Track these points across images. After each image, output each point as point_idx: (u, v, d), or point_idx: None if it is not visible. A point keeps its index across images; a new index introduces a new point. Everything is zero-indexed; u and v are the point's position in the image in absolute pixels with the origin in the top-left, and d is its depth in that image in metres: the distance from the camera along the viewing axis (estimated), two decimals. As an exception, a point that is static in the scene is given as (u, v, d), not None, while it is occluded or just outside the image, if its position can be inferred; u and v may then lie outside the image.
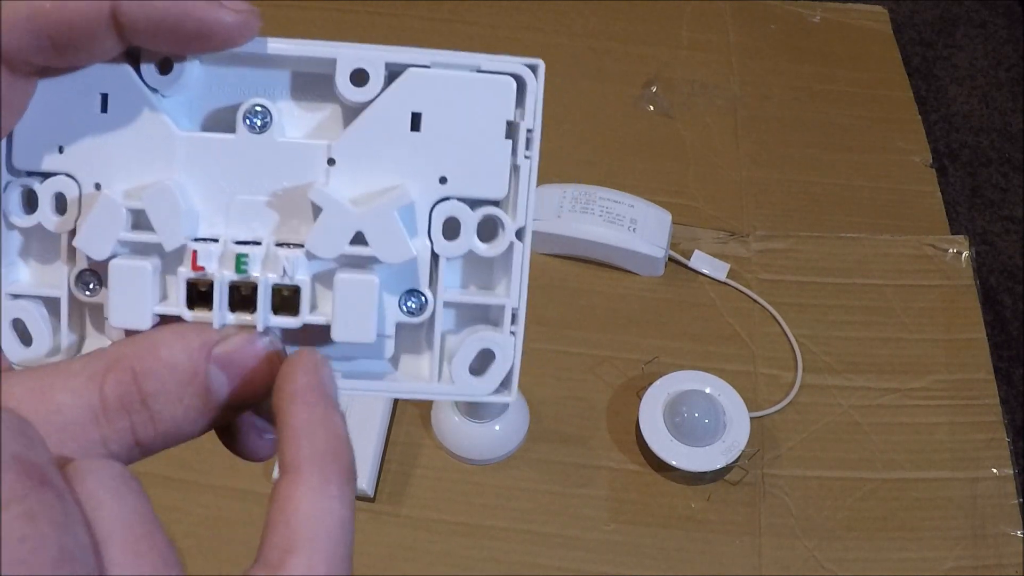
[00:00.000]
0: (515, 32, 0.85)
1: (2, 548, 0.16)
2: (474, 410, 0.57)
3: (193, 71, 0.22)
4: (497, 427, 0.59)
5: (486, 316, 0.24)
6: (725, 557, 0.57)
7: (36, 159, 0.22)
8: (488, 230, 0.23)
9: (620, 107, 0.79)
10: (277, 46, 0.22)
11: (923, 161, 0.78)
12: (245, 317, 0.22)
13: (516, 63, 0.22)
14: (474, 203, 0.23)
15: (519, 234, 0.23)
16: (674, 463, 0.57)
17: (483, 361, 0.24)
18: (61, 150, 0.22)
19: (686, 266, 0.69)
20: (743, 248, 0.71)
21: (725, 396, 0.60)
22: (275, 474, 0.59)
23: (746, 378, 0.64)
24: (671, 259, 0.69)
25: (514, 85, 0.22)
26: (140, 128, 0.22)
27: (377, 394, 0.24)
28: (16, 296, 0.23)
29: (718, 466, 0.57)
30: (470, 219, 0.23)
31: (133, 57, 0.22)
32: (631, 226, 0.67)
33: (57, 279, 0.23)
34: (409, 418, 0.61)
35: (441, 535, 0.57)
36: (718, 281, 0.69)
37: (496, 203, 0.23)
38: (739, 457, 0.58)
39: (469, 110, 0.22)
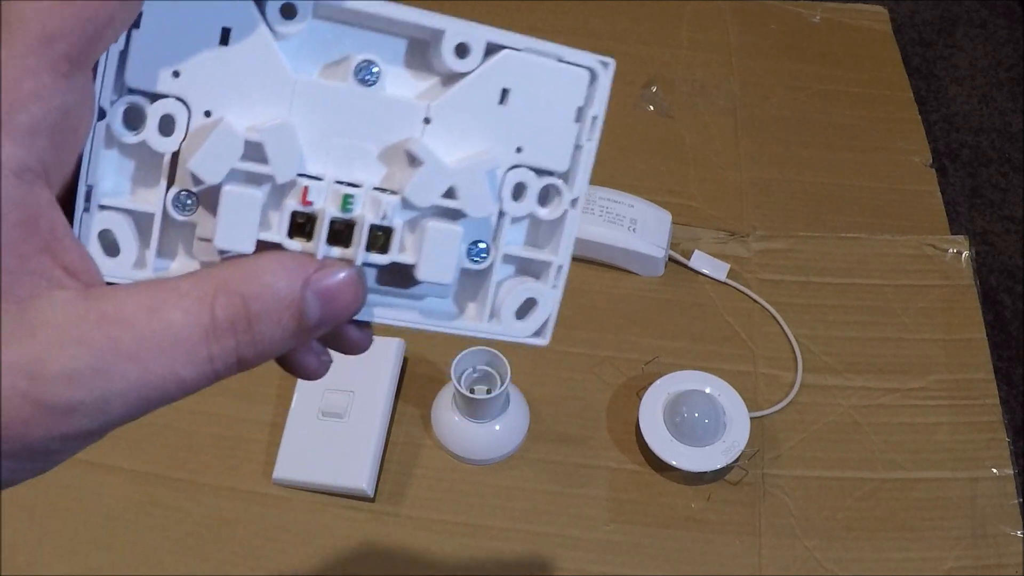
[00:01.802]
0: (515, 32, 0.85)
1: None
2: (474, 410, 0.57)
3: (309, 18, 0.23)
4: (497, 427, 0.59)
5: (530, 269, 0.27)
6: (725, 557, 0.57)
7: (150, 79, 0.23)
8: (546, 196, 0.26)
9: (620, 107, 0.79)
10: (391, 9, 0.24)
11: (923, 161, 0.78)
12: (342, 250, 0.24)
13: (592, 58, 0.25)
14: (539, 172, 0.26)
15: (573, 203, 0.26)
16: (674, 463, 0.57)
17: (526, 308, 0.27)
18: (177, 75, 0.23)
19: (686, 266, 0.69)
20: (743, 248, 0.71)
21: (725, 396, 0.60)
22: (275, 474, 0.59)
23: (746, 378, 0.64)
24: (671, 259, 0.69)
25: (587, 77, 0.26)
26: (257, 65, 0.23)
27: (438, 329, 0.27)
28: (105, 208, 0.23)
29: (718, 466, 0.57)
30: (535, 185, 0.26)
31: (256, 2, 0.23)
32: (631, 226, 0.67)
33: (153, 197, 0.24)
34: (409, 418, 0.61)
35: (441, 535, 0.57)
36: (718, 281, 0.69)
37: (558, 174, 0.26)
38: (739, 457, 0.58)
39: (549, 93, 0.25)
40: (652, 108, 0.80)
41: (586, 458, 0.60)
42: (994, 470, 0.61)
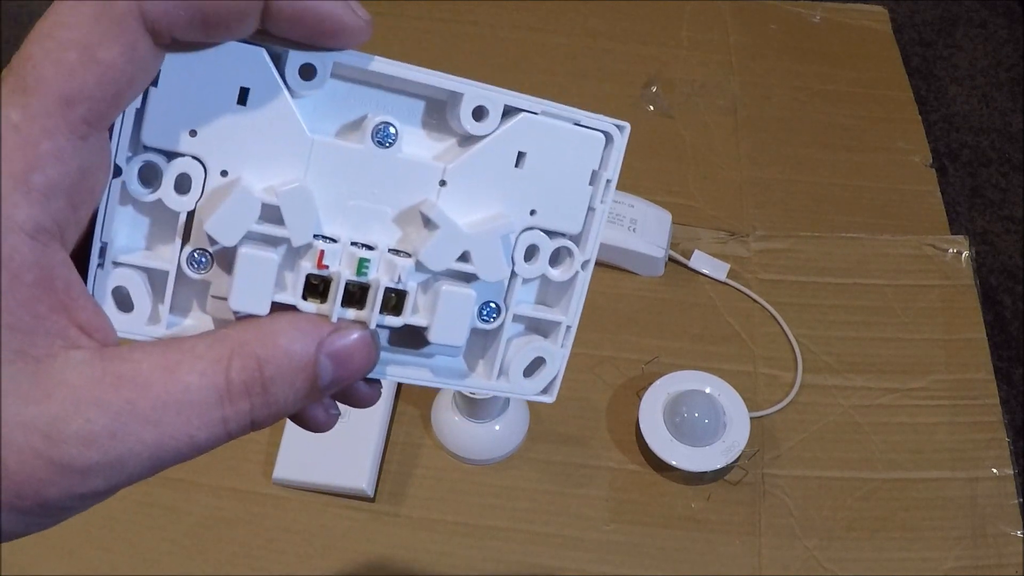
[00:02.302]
0: (515, 32, 0.85)
1: None
2: (474, 410, 0.57)
3: (328, 79, 0.23)
4: (497, 427, 0.59)
5: (539, 328, 0.28)
6: (725, 557, 0.57)
7: (167, 138, 0.23)
8: (557, 258, 0.27)
9: (620, 107, 0.79)
10: (409, 72, 0.24)
11: (923, 161, 0.78)
12: (356, 312, 0.24)
13: (607, 123, 0.26)
14: (552, 234, 0.26)
15: (584, 265, 0.27)
16: (674, 463, 0.57)
17: (534, 366, 0.27)
18: (194, 134, 0.23)
19: (686, 266, 0.69)
20: (743, 248, 0.71)
21: (725, 396, 0.60)
22: (275, 474, 0.59)
23: (746, 378, 0.64)
24: (671, 259, 0.69)
25: (603, 140, 0.26)
26: (276, 126, 0.23)
27: (448, 386, 0.27)
28: (119, 264, 0.23)
29: (718, 466, 0.57)
30: (547, 247, 0.26)
31: (272, 55, 0.23)
32: (631, 226, 0.67)
33: (167, 254, 0.24)
34: (409, 418, 0.61)
35: (441, 535, 0.57)
36: (718, 281, 0.69)
37: (570, 236, 0.26)
38: (739, 457, 0.58)
39: (564, 156, 0.25)
40: (652, 108, 0.80)
41: (586, 458, 0.60)
42: (994, 470, 0.61)
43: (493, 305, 0.26)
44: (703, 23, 0.88)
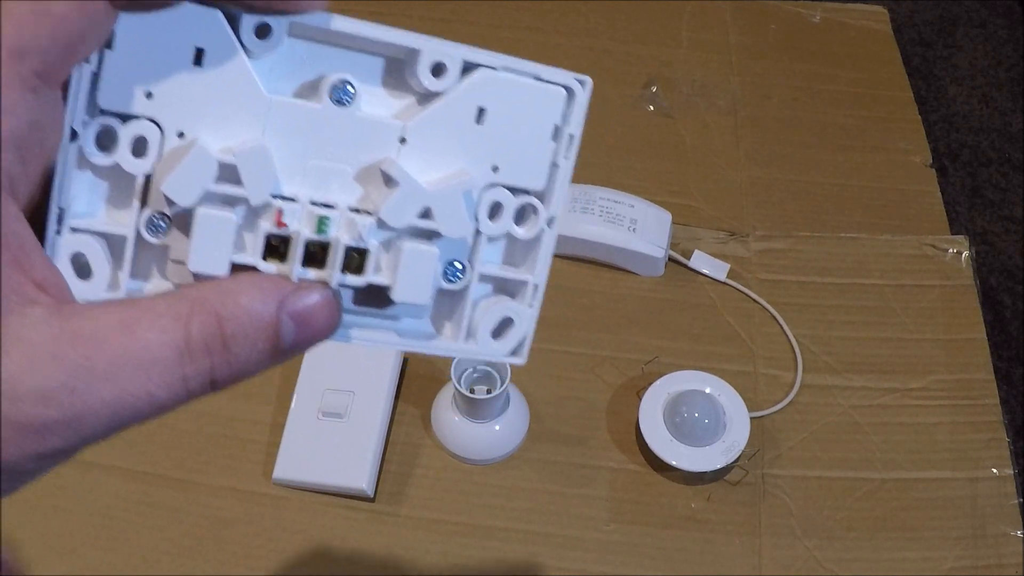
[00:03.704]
0: (515, 32, 0.85)
1: None
2: (474, 410, 0.57)
3: (284, 39, 0.23)
4: (497, 427, 0.59)
5: (506, 288, 0.27)
6: (725, 557, 0.57)
7: (123, 101, 0.22)
8: (522, 215, 0.26)
9: (620, 107, 0.79)
10: (367, 29, 0.24)
11: (923, 161, 0.78)
12: (317, 272, 0.24)
13: (569, 77, 0.26)
14: (516, 191, 0.26)
15: (550, 222, 0.26)
16: (674, 463, 0.57)
17: (502, 327, 0.27)
18: (150, 96, 0.22)
19: (686, 266, 0.69)
20: (743, 248, 0.71)
21: (725, 396, 0.60)
22: (275, 474, 0.59)
23: (746, 378, 0.64)
24: (671, 259, 0.69)
25: (564, 95, 0.26)
26: (232, 86, 0.23)
27: (415, 350, 0.26)
28: (77, 230, 0.23)
29: (718, 466, 0.57)
30: (511, 204, 0.26)
31: (228, 16, 0.22)
32: (631, 226, 0.67)
33: (125, 219, 0.24)
34: (409, 418, 0.61)
35: (441, 535, 0.57)
36: (718, 281, 0.69)
37: (534, 193, 0.26)
38: (739, 457, 0.58)
39: (525, 111, 0.25)
40: (652, 108, 0.80)
41: (586, 458, 0.60)
42: (994, 470, 0.61)
43: (458, 265, 0.26)
44: (703, 23, 0.88)
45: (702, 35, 0.87)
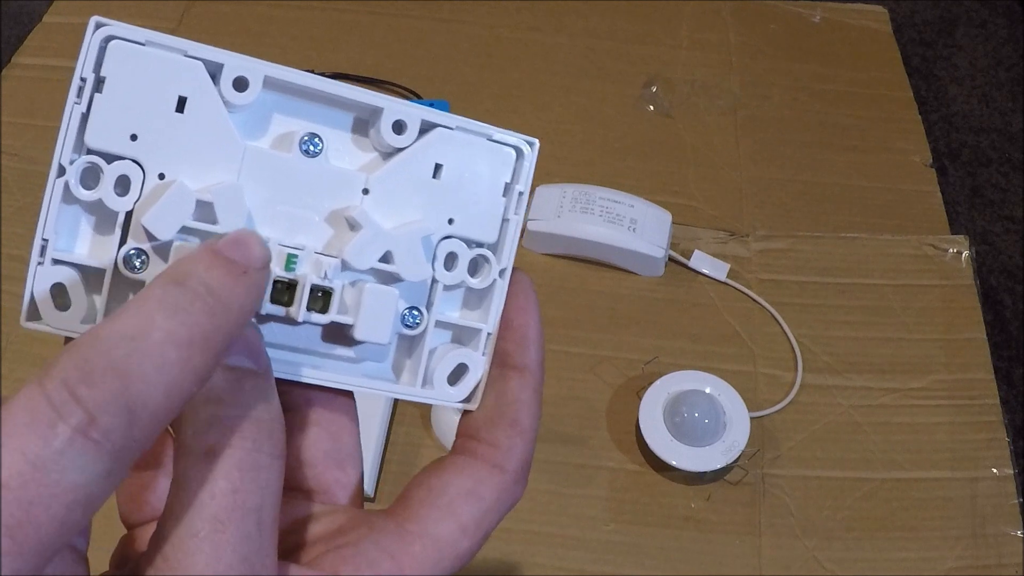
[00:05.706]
0: (515, 32, 0.85)
1: None
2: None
3: (261, 94, 0.25)
4: (497, 427, 0.59)
5: (462, 336, 0.29)
6: (725, 557, 0.57)
7: (109, 142, 0.24)
8: (476, 266, 0.28)
9: (620, 107, 0.79)
10: (335, 88, 0.26)
11: (923, 161, 0.78)
12: (285, 309, 0.25)
13: (518, 139, 0.27)
14: (470, 243, 0.27)
15: (501, 273, 0.28)
16: (674, 463, 0.57)
17: (458, 372, 0.28)
18: (135, 138, 0.24)
19: (686, 266, 0.69)
20: (743, 248, 0.71)
21: (725, 396, 0.60)
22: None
23: (746, 378, 0.64)
24: (671, 259, 0.69)
25: (514, 155, 0.27)
26: (211, 133, 0.25)
27: (375, 392, 0.28)
28: (59, 262, 0.24)
29: (718, 466, 0.57)
30: (466, 255, 0.27)
31: (211, 75, 0.24)
32: (631, 226, 0.67)
33: (105, 253, 0.25)
34: (409, 418, 0.61)
35: (441, 535, 0.57)
36: (718, 281, 0.69)
37: (487, 245, 0.28)
38: (739, 457, 0.58)
39: (478, 169, 0.27)
40: (652, 108, 0.80)
41: (586, 458, 0.60)
42: (994, 470, 0.61)
43: (417, 312, 0.27)
44: (703, 23, 0.88)
45: (702, 35, 0.87)
